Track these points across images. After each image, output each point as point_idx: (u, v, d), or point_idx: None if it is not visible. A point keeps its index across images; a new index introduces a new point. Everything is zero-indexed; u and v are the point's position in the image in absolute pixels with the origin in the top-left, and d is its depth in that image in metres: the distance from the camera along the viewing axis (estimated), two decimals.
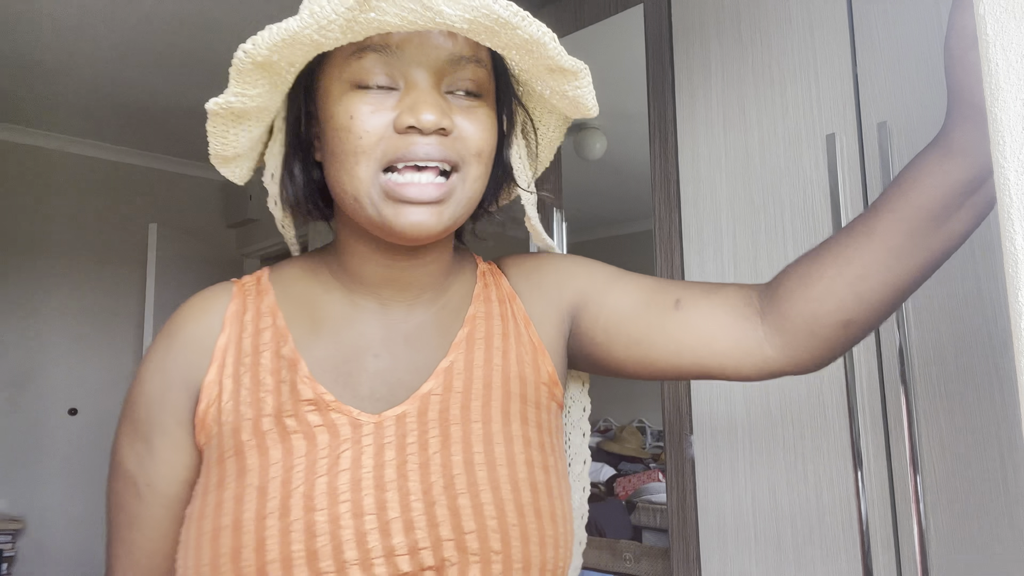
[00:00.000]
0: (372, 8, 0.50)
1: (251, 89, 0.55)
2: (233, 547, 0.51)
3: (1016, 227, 0.38)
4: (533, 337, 0.65)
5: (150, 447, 0.59)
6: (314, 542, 0.51)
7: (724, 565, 1.37)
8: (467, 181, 0.57)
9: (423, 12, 0.49)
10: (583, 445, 0.72)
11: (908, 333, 1.18)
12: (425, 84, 0.56)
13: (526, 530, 0.56)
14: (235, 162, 0.62)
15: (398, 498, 0.54)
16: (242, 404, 0.58)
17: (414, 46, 0.55)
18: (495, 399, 0.61)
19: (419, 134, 0.54)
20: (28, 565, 3.32)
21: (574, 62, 0.57)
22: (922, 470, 1.14)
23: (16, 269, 3.46)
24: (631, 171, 1.63)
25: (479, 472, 0.56)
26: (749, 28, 1.43)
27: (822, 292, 0.59)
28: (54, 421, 3.48)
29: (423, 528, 0.53)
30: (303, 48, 0.53)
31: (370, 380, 0.60)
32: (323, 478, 0.53)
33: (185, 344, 0.60)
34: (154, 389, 0.60)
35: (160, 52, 2.75)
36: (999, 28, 0.40)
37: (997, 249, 1.11)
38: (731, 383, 1.40)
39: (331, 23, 0.50)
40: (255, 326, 0.61)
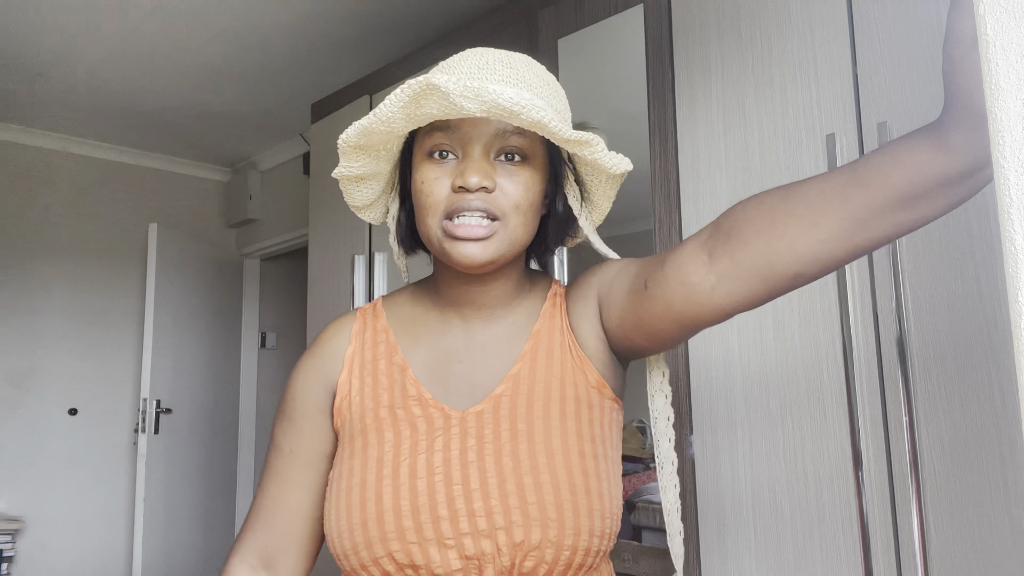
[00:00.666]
0: (422, 106, 0.69)
1: (354, 163, 0.77)
2: (361, 498, 0.72)
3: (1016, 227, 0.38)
4: (578, 353, 0.79)
5: (294, 424, 0.82)
6: (416, 499, 0.70)
7: (724, 565, 1.37)
8: (508, 227, 0.73)
9: (454, 106, 0.67)
10: (670, 450, 0.85)
11: (908, 333, 1.18)
12: (476, 154, 0.73)
13: (577, 504, 0.70)
14: (367, 211, 0.84)
15: (477, 474, 0.71)
16: (366, 398, 0.79)
17: (468, 125, 0.73)
18: (553, 401, 0.76)
19: (468, 192, 0.71)
20: (28, 565, 3.32)
21: (580, 135, 0.70)
22: (922, 470, 1.14)
23: (16, 269, 3.46)
24: (631, 171, 1.63)
25: (540, 459, 0.72)
26: (749, 28, 1.43)
27: (782, 248, 0.64)
28: (54, 421, 3.48)
29: (496, 498, 0.70)
30: (380, 135, 0.73)
31: (456, 381, 0.78)
32: (423, 455, 0.73)
33: (323, 356, 0.83)
34: (299, 386, 0.83)
35: (160, 52, 2.75)
36: (999, 28, 0.40)
37: (997, 249, 1.11)
38: (731, 382, 1.40)
39: (391, 119, 0.70)
40: (373, 341, 0.83)
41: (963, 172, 0.57)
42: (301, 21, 2.54)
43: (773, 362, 1.34)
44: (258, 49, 2.75)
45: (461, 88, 0.65)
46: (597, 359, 0.80)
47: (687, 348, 1.47)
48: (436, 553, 0.69)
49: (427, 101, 0.68)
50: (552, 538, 0.69)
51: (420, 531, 0.70)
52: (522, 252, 0.80)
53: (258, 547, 0.81)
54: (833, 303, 1.27)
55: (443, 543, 0.69)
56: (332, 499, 0.75)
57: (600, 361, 0.80)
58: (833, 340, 1.26)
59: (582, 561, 0.71)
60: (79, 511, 3.49)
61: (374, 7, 2.45)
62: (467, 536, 0.69)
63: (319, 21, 2.54)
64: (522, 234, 0.75)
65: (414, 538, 0.69)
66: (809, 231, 0.63)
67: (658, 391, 0.86)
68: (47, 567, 3.37)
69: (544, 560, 0.69)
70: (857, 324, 1.23)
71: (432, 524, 0.70)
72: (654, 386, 0.86)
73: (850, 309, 1.24)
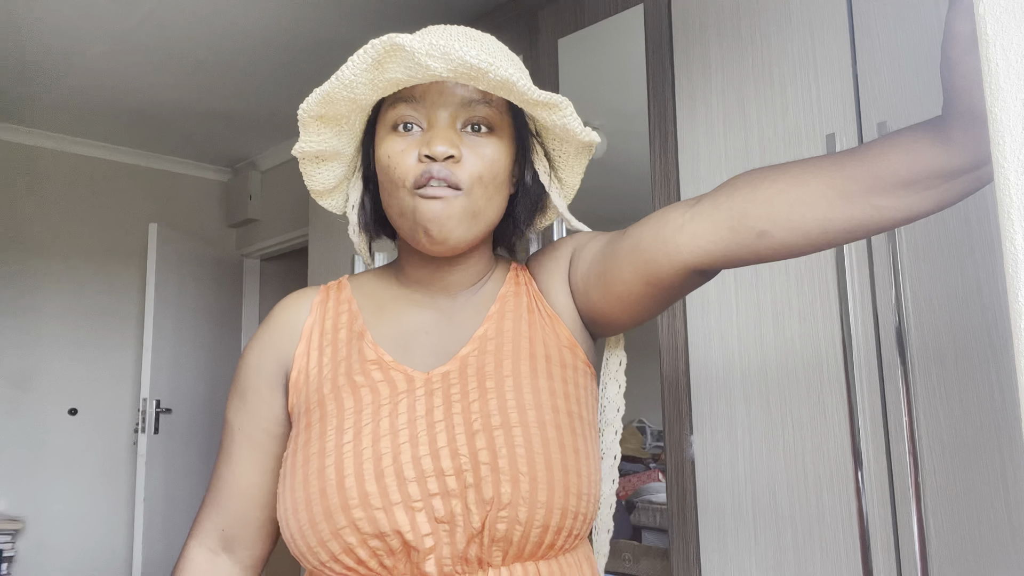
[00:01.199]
0: (386, 70, 0.66)
1: (315, 136, 0.73)
2: (319, 467, 0.67)
3: (1016, 227, 0.38)
4: (547, 309, 0.77)
5: (244, 401, 0.79)
6: (380, 462, 0.66)
7: (724, 565, 1.37)
8: (471, 197, 0.71)
9: (420, 68, 0.65)
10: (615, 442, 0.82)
11: (908, 332, 1.18)
12: (442, 123, 0.71)
13: (550, 459, 0.67)
14: (329, 196, 0.81)
15: (445, 433, 0.68)
16: (324, 368, 0.75)
17: (433, 94, 0.71)
18: (523, 358, 0.73)
19: (434, 161, 0.69)
20: (28, 565, 3.32)
21: (549, 96, 0.69)
22: (922, 470, 1.14)
23: (16, 269, 3.46)
24: (631, 171, 1.63)
25: (511, 414, 0.68)
26: (749, 28, 1.43)
27: (761, 196, 0.64)
28: (54, 421, 3.48)
29: (466, 455, 0.66)
30: (343, 103, 0.70)
31: (422, 349, 0.75)
32: (386, 419, 0.69)
33: (279, 327, 0.79)
34: (252, 360, 0.79)
35: (160, 52, 2.75)
36: (999, 28, 0.40)
37: (997, 249, 1.11)
38: (731, 382, 1.40)
39: (353, 82, 0.67)
40: (335, 311, 0.79)
41: (961, 167, 0.57)
42: (301, 21, 2.54)
43: (773, 362, 1.34)
44: (258, 49, 2.75)
45: (427, 46, 0.64)
46: (567, 319, 0.77)
47: (687, 348, 1.47)
48: (404, 517, 0.64)
49: (391, 63, 0.66)
50: (524, 494, 0.65)
51: (385, 495, 0.65)
52: (489, 235, 0.78)
53: (215, 530, 0.79)
54: (833, 302, 1.27)
55: (411, 506, 0.65)
56: (286, 476, 0.70)
57: (570, 320, 0.77)
58: (833, 340, 1.26)
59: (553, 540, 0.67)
60: (79, 511, 3.49)
61: (374, 7, 2.45)
62: (436, 497, 0.65)
63: (319, 21, 2.54)
64: (485, 207, 0.72)
65: (379, 503, 0.64)
66: (793, 187, 0.62)
67: (612, 379, 0.83)
68: (47, 567, 3.37)
69: (517, 521, 0.64)
70: (857, 323, 1.23)
71: (398, 487, 0.65)
72: (608, 373, 0.83)
73: (850, 308, 1.24)
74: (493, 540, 0.65)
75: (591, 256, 0.75)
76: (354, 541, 0.65)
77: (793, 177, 0.63)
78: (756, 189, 0.64)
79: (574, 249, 0.78)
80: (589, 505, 0.69)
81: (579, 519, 0.68)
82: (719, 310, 1.43)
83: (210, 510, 0.80)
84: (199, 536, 0.80)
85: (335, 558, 0.65)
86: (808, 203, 0.61)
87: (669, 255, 0.68)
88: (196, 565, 0.78)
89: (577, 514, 0.67)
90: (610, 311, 0.74)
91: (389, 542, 0.65)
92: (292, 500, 0.68)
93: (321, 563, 0.66)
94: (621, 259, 0.71)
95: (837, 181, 0.60)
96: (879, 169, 0.59)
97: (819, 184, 0.61)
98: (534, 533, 0.65)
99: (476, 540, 0.65)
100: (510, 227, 0.82)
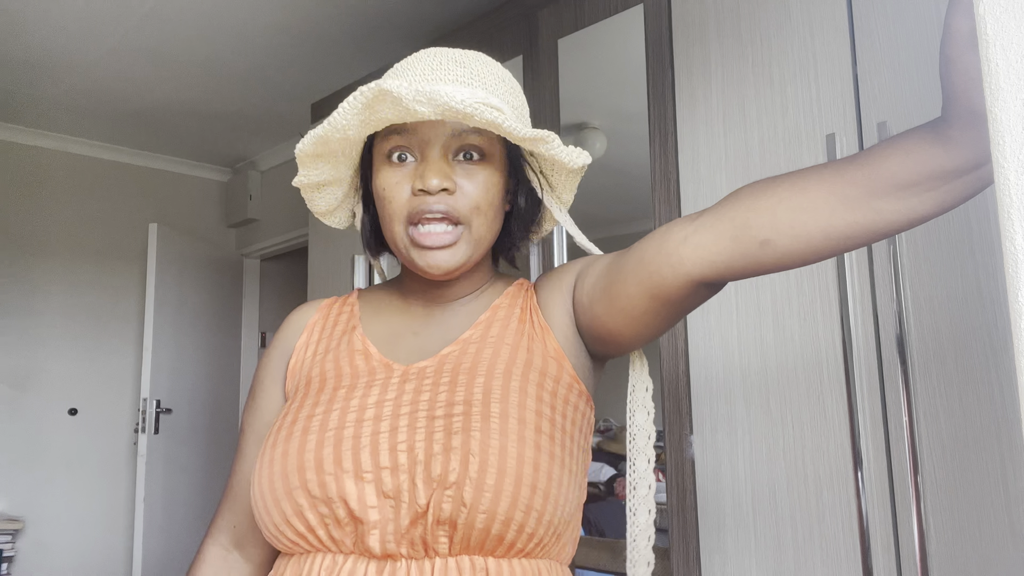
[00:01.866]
0: (376, 111, 0.69)
1: (313, 171, 0.77)
2: (287, 435, 0.71)
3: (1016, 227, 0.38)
4: (540, 321, 0.78)
5: (254, 400, 0.84)
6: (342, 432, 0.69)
7: (724, 565, 1.37)
8: (472, 229, 0.73)
9: (408, 110, 0.67)
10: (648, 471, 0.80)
11: (908, 333, 1.18)
12: (434, 155, 0.73)
13: (505, 447, 0.66)
14: (330, 216, 0.85)
15: (408, 415, 0.69)
16: (316, 354, 0.80)
17: (425, 126, 0.72)
18: (501, 361, 0.74)
19: (428, 195, 0.71)
20: (28, 565, 3.32)
21: (535, 132, 0.70)
22: (922, 470, 1.14)
23: (16, 269, 3.46)
24: (631, 171, 1.63)
25: (475, 405, 0.69)
26: (749, 28, 1.43)
27: (765, 206, 0.63)
28: (54, 421, 3.48)
29: (422, 435, 0.67)
30: (337, 143, 0.73)
31: (407, 347, 0.79)
32: (357, 399, 0.72)
33: (288, 326, 0.86)
34: (264, 362, 0.85)
35: (160, 52, 2.75)
36: (999, 28, 0.40)
37: (997, 249, 1.11)
38: (731, 382, 1.40)
39: (346, 126, 0.70)
40: (338, 312, 0.85)
41: (961, 167, 0.57)
42: (301, 21, 2.54)
43: (773, 362, 1.34)
44: (258, 49, 2.74)
45: (413, 93, 0.65)
46: (560, 333, 0.78)
47: (687, 348, 1.48)
48: (352, 486, 0.66)
49: (381, 106, 0.68)
50: (472, 475, 0.63)
51: (339, 461, 0.67)
52: (488, 251, 0.80)
53: (228, 528, 0.82)
54: (833, 303, 1.27)
55: (361, 476, 0.66)
56: (263, 445, 0.73)
57: (563, 335, 0.78)
58: (833, 340, 1.26)
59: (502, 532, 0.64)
60: (79, 511, 3.49)
61: (374, 7, 2.45)
62: (386, 470, 0.66)
63: (319, 21, 2.54)
64: (486, 233, 0.75)
65: (331, 468, 0.66)
66: (794, 195, 0.62)
67: (640, 406, 0.81)
68: (47, 567, 3.37)
69: (463, 502, 0.63)
70: (857, 324, 1.23)
71: (352, 455, 0.67)
72: (636, 401, 0.82)
73: (850, 309, 1.24)
74: (438, 521, 0.64)
75: (597, 272, 0.75)
76: (304, 503, 0.66)
77: (794, 185, 0.63)
78: (758, 199, 0.64)
79: (580, 269, 0.79)
80: (547, 504, 0.66)
81: (532, 515, 0.65)
82: (719, 310, 1.43)
83: (224, 508, 0.83)
84: (213, 534, 0.83)
85: (287, 520, 0.67)
86: (810, 210, 0.61)
87: (673, 267, 0.68)
88: (209, 563, 0.81)
89: (530, 508, 0.65)
90: (615, 326, 0.74)
91: (335, 509, 0.66)
92: (260, 463, 0.71)
93: (275, 526, 0.68)
94: (626, 273, 0.71)
95: (838, 187, 0.60)
96: (879, 172, 0.59)
97: (820, 191, 0.61)
98: (479, 519, 0.63)
99: (421, 521, 0.64)
100: (507, 243, 0.84)
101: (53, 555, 3.39)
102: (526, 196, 0.82)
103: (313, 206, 0.82)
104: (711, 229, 0.66)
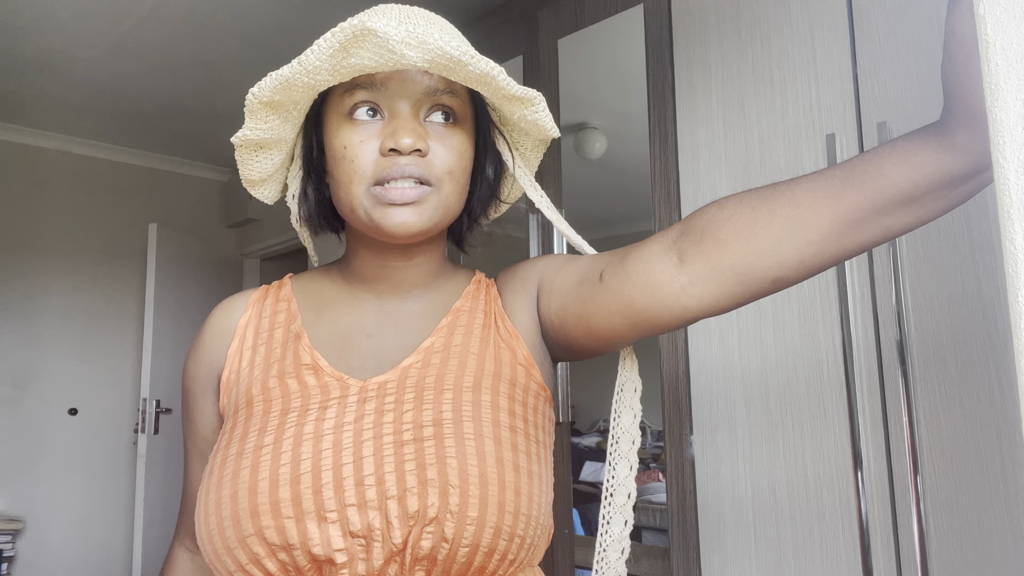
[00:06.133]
0: (351, 55, 0.62)
1: (262, 124, 0.68)
2: (234, 470, 0.63)
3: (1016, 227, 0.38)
4: (508, 327, 0.73)
5: (188, 413, 0.77)
6: (298, 467, 0.61)
7: (724, 565, 1.37)
8: (441, 193, 0.67)
9: (391, 56, 0.61)
10: (629, 478, 0.76)
11: (908, 333, 1.18)
12: (405, 113, 0.67)
13: (485, 473, 0.61)
14: (262, 185, 0.75)
15: (372, 441, 0.63)
16: (256, 368, 0.71)
17: (395, 82, 0.66)
18: (468, 373, 0.68)
19: (399, 155, 0.65)
20: (28, 565, 3.32)
21: (525, 91, 0.67)
22: (922, 470, 1.14)
23: (16, 269, 3.46)
24: (631, 171, 1.63)
25: (446, 427, 0.63)
26: (749, 28, 1.43)
27: (764, 249, 0.60)
28: (54, 421, 3.48)
29: (391, 464, 0.61)
30: (299, 90, 0.65)
31: (361, 355, 0.71)
32: (311, 423, 0.64)
33: (213, 330, 0.76)
34: (189, 370, 0.77)
35: (160, 52, 2.75)
36: (999, 28, 0.40)
37: (997, 249, 1.11)
38: (731, 382, 1.40)
39: (317, 68, 0.62)
40: (272, 309, 0.75)
41: (968, 173, 0.55)
42: (301, 21, 2.54)
43: (773, 362, 1.34)
44: (258, 49, 2.74)
45: (404, 34, 0.59)
46: (528, 340, 0.73)
47: (687, 348, 1.47)
48: (315, 529, 0.58)
49: (359, 49, 0.61)
50: (453, 508, 0.58)
51: (298, 503, 0.59)
52: (444, 229, 0.75)
53: (188, 532, 0.80)
54: (833, 303, 1.27)
55: (323, 516, 0.59)
56: (204, 478, 0.65)
57: (531, 342, 0.73)
58: (833, 340, 1.26)
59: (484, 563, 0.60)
60: (79, 511, 3.49)
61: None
62: (352, 508, 0.59)
63: (318, 21, 2.54)
64: (455, 202, 0.69)
65: (290, 512, 0.59)
66: (796, 233, 0.58)
67: (627, 408, 0.77)
68: (47, 567, 3.37)
69: (444, 538, 0.58)
70: (857, 324, 1.23)
71: (313, 494, 0.59)
72: (623, 401, 0.77)
73: (850, 309, 1.24)
74: (416, 559, 0.59)
75: (564, 292, 0.70)
76: (261, 552, 0.59)
77: (789, 220, 0.59)
78: (752, 241, 0.60)
79: (542, 276, 0.74)
80: (528, 527, 0.62)
81: (515, 542, 0.61)
82: None
83: (182, 514, 0.81)
84: (179, 537, 0.81)
85: (242, 568, 0.60)
86: (817, 242, 0.58)
87: (675, 313, 0.64)
88: (178, 563, 0.80)
89: (513, 536, 0.61)
90: (591, 344, 0.71)
91: (296, 557, 0.59)
92: (205, 503, 0.63)
93: (229, 573, 0.61)
94: (610, 312, 0.66)
95: (843, 214, 0.57)
96: (885, 190, 0.56)
97: (821, 225, 0.58)
98: (461, 553, 0.59)
99: (397, 559, 0.59)
100: (464, 221, 0.78)
101: (53, 555, 3.39)
102: (495, 167, 0.76)
103: (248, 171, 0.72)
104: (711, 280, 0.62)
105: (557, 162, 1.76)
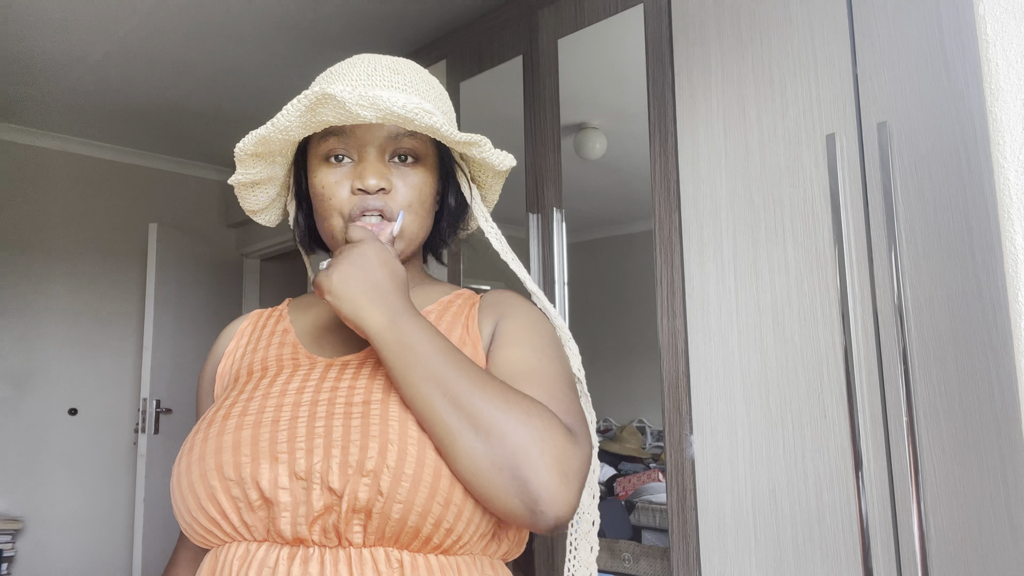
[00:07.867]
0: (318, 113, 0.73)
1: (251, 169, 0.81)
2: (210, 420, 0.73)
3: (1016, 227, 0.38)
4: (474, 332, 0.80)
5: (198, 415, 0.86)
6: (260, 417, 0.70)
7: (724, 565, 1.37)
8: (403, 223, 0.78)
9: (351, 114, 0.71)
10: (591, 559, 0.83)
11: (908, 333, 1.18)
12: (371, 157, 0.78)
13: (425, 438, 0.66)
14: (261, 214, 0.89)
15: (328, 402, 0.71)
16: (245, 355, 0.83)
17: (362, 129, 0.77)
18: None
19: (367, 194, 0.77)
20: (28, 565, 3.32)
21: (469, 136, 0.76)
22: (922, 470, 1.14)
23: (16, 269, 3.46)
24: (631, 171, 1.63)
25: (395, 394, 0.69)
26: (749, 28, 1.43)
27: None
28: (54, 421, 3.48)
29: (340, 419, 0.68)
30: (277, 143, 0.77)
31: (333, 339, 0.81)
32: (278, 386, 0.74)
33: (218, 341, 0.89)
34: (199, 380, 0.89)
35: (160, 53, 2.75)
36: (999, 28, 0.40)
37: (997, 249, 1.11)
38: (731, 382, 1.40)
39: (288, 127, 0.74)
40: (267, 318, 0.88)
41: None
42: (301, 20, 2.54)
43: (773, 362, 1.34)
44: (258, 49, 2.75)
45: (356, 97, 0.70)
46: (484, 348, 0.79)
47: (687, 348, 1.47)
48: (266, 467, 0.66)
49: (323, 109, 0.72)
50: (391, 463, 0.63)
51: (256, 443, 0.67)
52: (419, 249, 0.85)
53: None
54: (833, 303, 1.27)
55: (275, 456, 0.66)
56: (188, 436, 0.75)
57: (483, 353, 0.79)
58: (833, 340, 1.26)
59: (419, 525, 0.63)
60: (79, 511, 3.49)
61: (374, 7, 2.45)
62: (301, 451, 0.66)
63: (319, 20, 2.54)
64: (417, 230, 0.80)
65: (247, 451, 0.67)
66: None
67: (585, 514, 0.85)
68: (47, 567, 3.37)
69: (380, 492, 0.62)
70: (857, 324, 1.23)
71: (270, 436, 0.67)
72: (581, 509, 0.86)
73: (850, 309, 1.24)
74: (353, 510, 0.63)
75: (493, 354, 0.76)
76: (216, 485, 0.67)
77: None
78: None
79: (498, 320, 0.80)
80: (467, 498, 0.65)
81: (452, 509, 0.64)
82: (719, 310, 1.43)
83: None
84: (183, 538, 0.86)
85: (200, 505, 0.67)
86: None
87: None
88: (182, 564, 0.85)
89: (449, 502, 0.64)
90: None
91: (247, 491, 0.66)
92: (181, 452, 0.72)
93: (189, 512, 0.68)
94: None
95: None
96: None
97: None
98: (395, 509, 0.63)
99: (336, 508, 0.64)
100: (436, 240, 0.90)
101: (53, 555, 3.39)
102: (455, 196, 0.87)
103: (246, 204, 0.86)
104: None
105: (557, 162, 1.76)
